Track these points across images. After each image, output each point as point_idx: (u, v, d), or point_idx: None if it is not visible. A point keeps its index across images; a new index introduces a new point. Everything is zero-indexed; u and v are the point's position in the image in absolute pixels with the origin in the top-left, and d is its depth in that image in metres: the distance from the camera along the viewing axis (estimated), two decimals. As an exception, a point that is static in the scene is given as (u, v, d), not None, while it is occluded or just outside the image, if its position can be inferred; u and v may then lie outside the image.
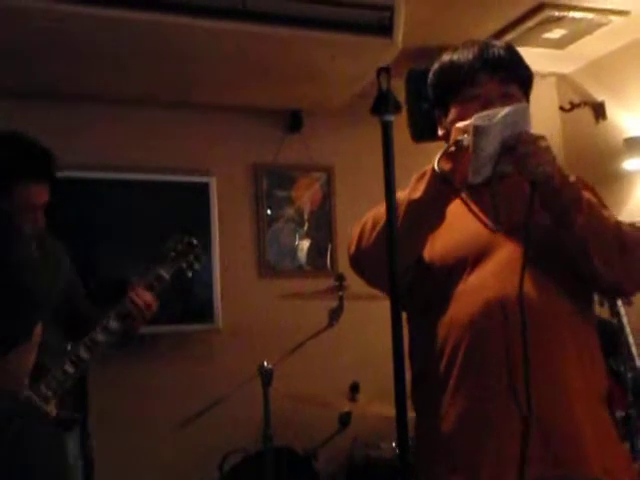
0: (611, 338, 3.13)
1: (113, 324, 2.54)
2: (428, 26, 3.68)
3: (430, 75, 1.76)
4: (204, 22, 3.18)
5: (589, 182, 1.76)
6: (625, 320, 3.10)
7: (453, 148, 1.53)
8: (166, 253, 2.74)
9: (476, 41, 1.73)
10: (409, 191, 1.60)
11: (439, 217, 1.62)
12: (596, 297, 3.07)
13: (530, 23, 3.77)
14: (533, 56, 4.22)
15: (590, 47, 4.17)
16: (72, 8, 2.97)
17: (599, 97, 4.42)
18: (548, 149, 1.52)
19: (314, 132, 4.45)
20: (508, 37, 3.88)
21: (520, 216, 1.56)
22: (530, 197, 1.54)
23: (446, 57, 1.74)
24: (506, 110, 1.49)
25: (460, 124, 1.56)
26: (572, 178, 1.57)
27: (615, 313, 3.11)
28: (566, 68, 4.54)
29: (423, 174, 1.59)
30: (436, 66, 1.76)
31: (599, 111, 4.42)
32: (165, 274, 2.71)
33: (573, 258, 1.60)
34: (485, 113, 1.51)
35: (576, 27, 3.88)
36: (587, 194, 1.61)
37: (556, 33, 3.94)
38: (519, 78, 1.71)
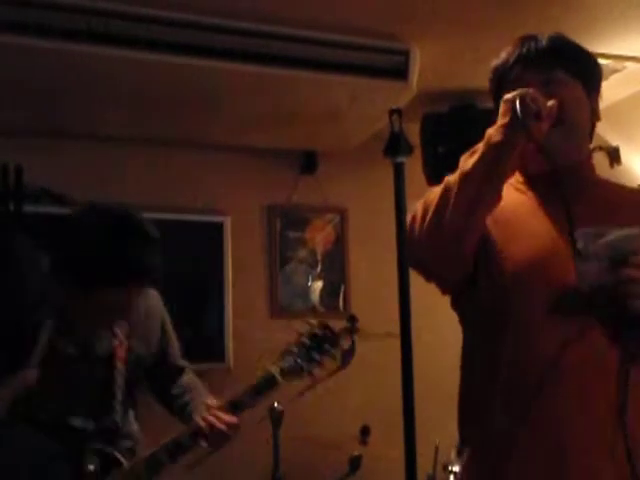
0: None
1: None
2: (444, 70, 3.70)
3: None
4: (222, 64, 3.22)
5: None
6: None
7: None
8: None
9: (520, 38, 1.59)
10: (486, 138, 1.44)
11: (512, 167, 1.46)
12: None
13: (545, 69, 3.78)
14: (547, 101, 4.28)
15: (604, 93, 4.12)
16: (94, 49, 3.02)
17: (614, 142, 4.42)
18: None
19: (328, 174, 4.46)
20: (523, 82, 3.91)
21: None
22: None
23: (494, 62, 1.64)
24: (615, 234, 1.29)
25: (508, 95, 1.41)
26: None
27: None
28: (580, 113, 4.54)
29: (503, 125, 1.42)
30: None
31: (614, 156, 4.40)
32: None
33: None
34: (591, 230, 1.30)
35: (590, 73, 3.89)
36: None
37: (570, 79, 3.95)
38: (564, 63, 1.55)
